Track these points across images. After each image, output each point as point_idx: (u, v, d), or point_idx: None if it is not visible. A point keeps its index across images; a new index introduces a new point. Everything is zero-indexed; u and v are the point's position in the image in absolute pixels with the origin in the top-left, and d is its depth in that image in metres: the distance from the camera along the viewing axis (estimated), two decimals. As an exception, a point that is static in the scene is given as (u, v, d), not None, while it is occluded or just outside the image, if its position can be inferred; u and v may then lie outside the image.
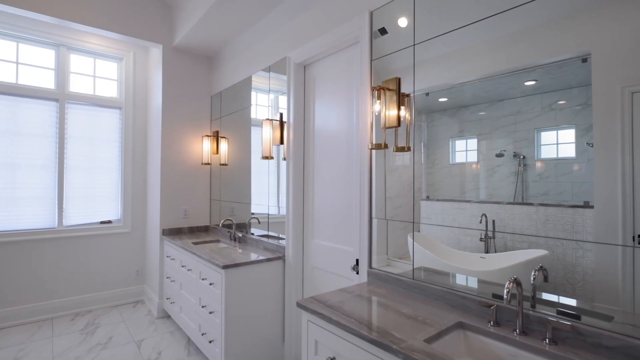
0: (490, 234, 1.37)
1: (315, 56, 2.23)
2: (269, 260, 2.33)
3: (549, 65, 1.21)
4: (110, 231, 3.53)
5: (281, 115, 2.52)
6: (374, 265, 1.80)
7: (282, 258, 2.41)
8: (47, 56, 3.27)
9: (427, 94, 1.65)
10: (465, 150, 1.53)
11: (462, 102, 1.52)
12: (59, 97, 3.27)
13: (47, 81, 3.26)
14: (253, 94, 2.89)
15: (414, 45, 1.61)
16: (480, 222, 1.42)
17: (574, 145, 1.16)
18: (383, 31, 1.78)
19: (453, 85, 1.53)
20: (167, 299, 3.09)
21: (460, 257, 1.46)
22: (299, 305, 1.45)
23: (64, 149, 3.28)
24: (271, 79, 2.66)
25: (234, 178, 3.17)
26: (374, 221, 1.81)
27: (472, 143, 1.49)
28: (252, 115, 2.90)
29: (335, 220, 2.15)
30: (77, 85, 3.42)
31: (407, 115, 1.72)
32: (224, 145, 3.30)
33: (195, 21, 2.79)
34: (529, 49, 1.25)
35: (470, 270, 1.41)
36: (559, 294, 1.16)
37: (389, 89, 1.67)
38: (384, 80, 1.76)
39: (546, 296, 1.18)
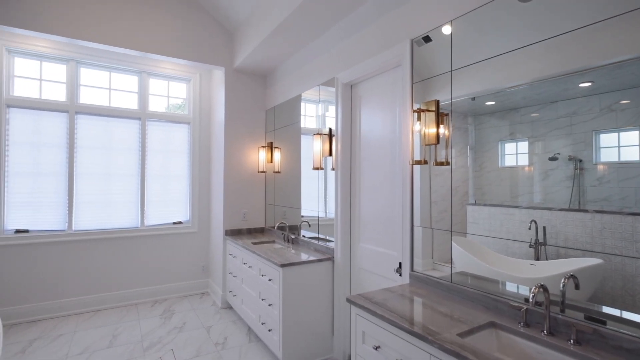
0: (540, 240, 1.35)
1: (361, 77, 2.46)
2: (320, 260, 2.61)
3: (607, 66, 1.16)
4: (181, 231, 4.05)
5: (330, 129, 2.78)
6: (415, 268, 1.98)
7: (331, 259, 2.67)
8: (131, 82, 3.86)
9: (473, 99, 1.65)
10: (515, 154, 1.48)
11: (511, 104, 1.48)
12: (142, 116, 3.85)
13: (132, 103, 3.85)
14: (302, 104, 3.19)
15: (451, 71, 1.77)
16: (530, 229, 1.40)
17: (638, 148, 1.09)
18: (426, 41, 1.96)
19: (501, 89, 1.51)
20: (229, 291, 3.50)
21: (508, 263, 1.46)
22: (348, 300, 1.69)
23: (145, 160, 3.85)
24: (320, 91, 2.93)
25: (285, 184, 3.50)
26: (418, 226, 2.00)
27: (523, 146, 1.44)
28: (302, 125, 3.21)
29: (379, 226, 2.36)
30: (155, 104, 3.98)
31: (446, 132, 1.88)
32: (277, 155, 3.65)
33: (254, 47, 3.15)
34: (583, 51, 1.22)
35: (518, 277, 1.41)
36: (617, 305, 1.15)
37: (429, 110, 1.85)
38: (424, 101, 1.94)
39: (587, 306, 1.30)
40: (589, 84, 1.22)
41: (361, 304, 1.61)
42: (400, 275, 2.11)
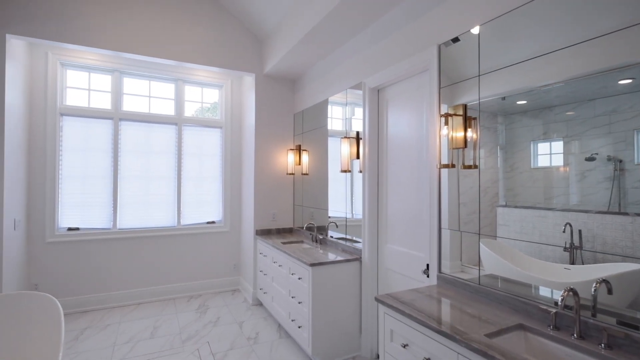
0: (576, 244, 1.31)
1: (388, 81, 2.51)
2: (347, 261, 2.68)
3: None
4: (214, 230, 4.25)
5: (357, 133, 2.85)
6: (443, 270, 2.01)
7: (359, 259, 2.73)
8: (168, 89, 4.10)
9: (504, 98, 1.62)
10: (549, 154, 1.44)
11: (545, 103, 1.44)
12: (178, 121, 4.08)
13: (168, 109, 4.09)
14: (329, 107, 3.28)
15: (478, 76, 1.79)
16: (564, 232, 1.36)
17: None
18: (454, 41, 1.99)
19: (533, 88, 1.48)
20: (260, 289, 3.64)
21: (541, 267, 1.43)
22: (377, 299, 1.76)
23: (181, 163, 4.08)
24: (348, 94, 3.00)
25: (313, 186, 3.60)
26: (446, 229, 2.02)
27: (558, 146, 1.39)
28: (329, 127, 3.30)
29: (407, 228, 2.40)
30: (188, 109, 4.20)
31: (474, 136, 1.90)
32: (305, 157, 3.76)
33: (283, 54, 3.27)
34: (624, 47, 1.18)
35: (553, 281, 1.38)
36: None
37: (456, 115, 1.88)
38: (451, 105, 1.96)
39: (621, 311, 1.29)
40: (629, 80, 1.17)
41: (389, 303, 1.67)
42: (428, 276, 2.14)
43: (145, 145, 3.92)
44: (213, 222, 4.28)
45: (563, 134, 1.37)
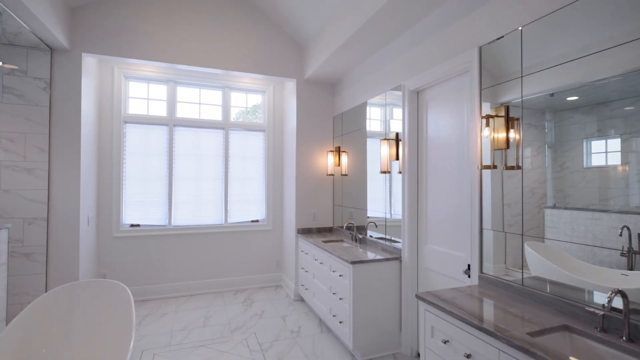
0: (635, 248, 1.26)
1: (428, 83, 2.55)
2: (387, 260, 2.75)
3: None
4: (258, 228, 4.48)
5: (397, 134, 2.90)
6: (485, 271, 2.02)
7: (398, 259, 2.79)
8: (216, 96, 4.40)
9: (552, 95, 1.57)
10: (604, 152, 1.37)
11: (599, 98, 1.37)
12: (225, 125, 4.36)
13: (216, 114, 4.38)
14: (368, 108, 3.36)
15: (521, 77, 1.79)
16: (621, 235, 1.30)
17: None
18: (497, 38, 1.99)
19: (585, 83, 1.41)
20: (301, 285, 3.80)
21: (595, 272, 1.38)
22: (417, 297, 1.82)
23: (228, 165, 4.36)
24: (387, 95, 3.07)
25: (352, 187, 3.69)
26: (490, 231, 2.03)
27: (615, 143, 1.32)
28: (367, 129, 3.37)
29: (447, 228, 2.42)
30: (234, 115, 4.47)
31: (517, 136, 1.89)
32: (344, 159, 3.86)
33: (323, 59, 3.40)
34: None
35: (607, 287, 1.33)
36: None
37: (498, 116, 1.89)
38: (493, 105, 1.97)
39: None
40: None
41: (430, 300, 1.73)
42: (469, 276, 2.16)
43: (196, 148, 4.24)
44: (257, 221, 4.51)
45: (621, 131, 1.29)
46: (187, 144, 4.20)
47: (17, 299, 2.93)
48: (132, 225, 3.96)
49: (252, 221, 4.49)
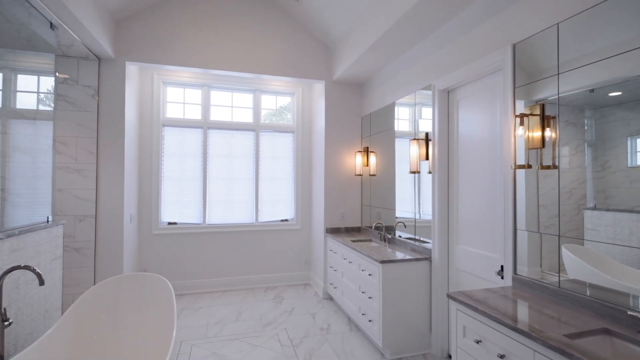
0: None
1: (459, 83, 2.53)
2: (417, 260, 2.75)
3: None
4: (287, 227, 4.59)
5: (426, 134, 2.89)
6: (519, 273, 1.98)
7: (428, 259, 2.78)
8: (247, 99, 4.55)
9: (592, 91, 1.52)
10: None
11: None
12: (255, 127, 4.50)
13: (247, 117, 4.53)
14: (396, 108, 3.37)
15: (558, 74, 1.75)
16: None
17: None
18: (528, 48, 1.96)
19: (630, 77, 1.36)
20: (330, 284, 3.86)
21: (639, 276, 1.33)
22: (449, 296, 1.82)
23: (258, 165, 4.50)
24: (416, 95, 3.06)
25: (380, 187, 3.70)
26: (525, 232, 2.00)
27: None
28: (395, 129, 3.38)
29: (479, 229, 2.39)
30: (263, 116, 4.61)
31: (553, 135, 1.84)
32: (372, 159, 3.88)
33: (352, 61, 3.44)
34: None
35: None
36: None
37: (533, 115, 1.86)
38: (527, 103, 1.93)
39: None
40: None
41: (462, 300, 1.73)
42: (502, 278, 2.12)
43: (228, 150, 4.41)
44: (286, 220, 4.62)
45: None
46: (220, 146, 4.37)
47: (69, 289, 3.19)
48: (169, 223, 4.18)
49: (282, 220, 4.60)
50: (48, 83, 2.53)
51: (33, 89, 2.41)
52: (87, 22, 2.68)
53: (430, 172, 2.84)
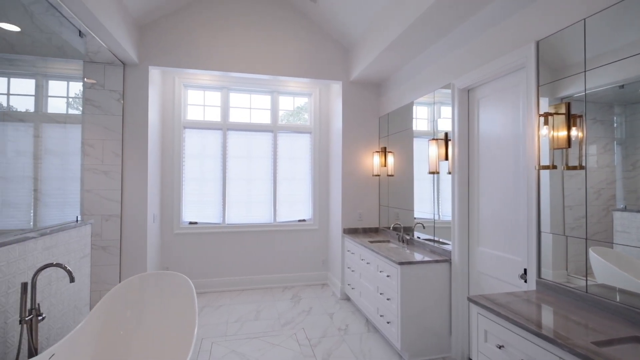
0: None
1: (479, 81, 2.47)
2: (436, 261, 2.71)
3: None
4: (304, 227, 4.62)
5: (446, 134, 2.84)
6: (543, 276, 1.92)
7: (448, 261, 2.73)
8: (265, 100, 4.60)
9: (622, 87, 1.47)
10: None
11: None
12: (273, 128, 4.55)
13: (265, 118, 4.58)
14: (414, 107, 3.33)
15: (585, 71, 1.69)
16: None
17: None
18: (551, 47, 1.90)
19: None
20: (348, 284, 3.85)
21: None
22: (469, 299, 1.79)
23: (276, 166, 4.54)
24: (435, 94, 3.02)
25: (398, 187, 3.67)
26: (549, 234, 1.94)
27: None
28: (414, 128, 3.34)
29: (501, 231, 2.33)
30: (281, 117, 4.65)
31: (580, 134, 1.78)
32: (390, 159, 3.84)
33: (369, 61, 3.43)
34: None
35: None
36: None
37: (558, 114, 1.80)
38: (552, 101, 1.87)
39: None
40: None
41: (483, 304, 1.69)
42: (526, 281, 2.07)
43: (246, 150, 4.47)
44: (304, 220, 4.65)
45: None
46: (238, 147, 4.45)
47: (97, 286, 3.32)
48: (190, 223, 4.28)
49: (299, 220, 4.63)
50: (77, 88, 2.65)
51: (63, 94, 2.53)
52: (113, 30, 2.79)
53: (449, 173, 2.79)
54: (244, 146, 4.47)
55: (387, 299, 2.81)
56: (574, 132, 1.77)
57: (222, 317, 3.48)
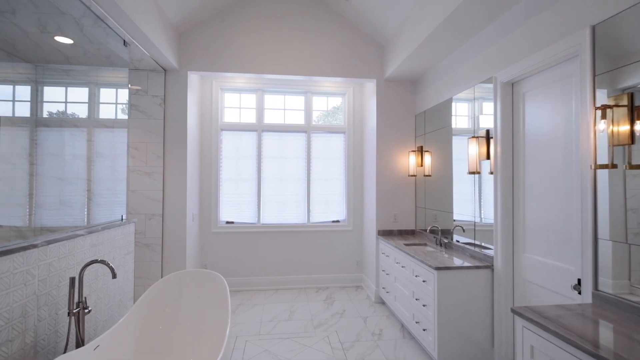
0: None
1: (524, 73, 2.28)
2: (477, 267, 2.54)
3: None
4: (338, 228, 4.57)
5: (487, 131, 2.66)
6: (602, 289, 1.72)
7: (490, 267, 2.56)
8: (299, 101, 4.62)
9: None
10: None
11: None
12: (307, 129, 4.56)
13: (299, 119, 4.60)
14: (453, 104, 3.16)
15: (652, 57, 1.48)
16: None
17: None
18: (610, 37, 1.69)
19: None
20: (382, 288, 3.75)
21: None
22: (513, 311, 1.65)
23: (310, 167, 4.54)
24: (475, 89, 2.84)
25: (436, 188, 3.50)
26: (609, 242, 1.74)
27: None
28: (453, 126, 3.16)
29: (550, 236, 2.13)
30: (315, 117, 4.64)
31: (646, 129, 1.57)
32: (427, 159, 3.69)
33: (404, 57, 3.31)
34: None
35: None
36: None
37: (618, 106, 1.60)
38: (611, 92, 1.67)
39: None
40: None
41: (530, 317, 1.55)
42: (580, 293, 1.87)
43: (281, 151, 4.52)
44: (337, 221, 4.60)
45: None
46: (273, 148, 4.50)
47: (140, 281, 3.51)
48: (227, 222, 4.41)
49: (333, 221, 4.60)
50: (123, 95, 2.81)
51: (112, 101, 2.70)
52: (155, 38, 2.93)
53: (491, 173, 2.61)
54: (279, 147, 4.52)
55: (423, 305, 2.69)
56: (638, 126, 1.57)
57: (257, 316, 3.54)
